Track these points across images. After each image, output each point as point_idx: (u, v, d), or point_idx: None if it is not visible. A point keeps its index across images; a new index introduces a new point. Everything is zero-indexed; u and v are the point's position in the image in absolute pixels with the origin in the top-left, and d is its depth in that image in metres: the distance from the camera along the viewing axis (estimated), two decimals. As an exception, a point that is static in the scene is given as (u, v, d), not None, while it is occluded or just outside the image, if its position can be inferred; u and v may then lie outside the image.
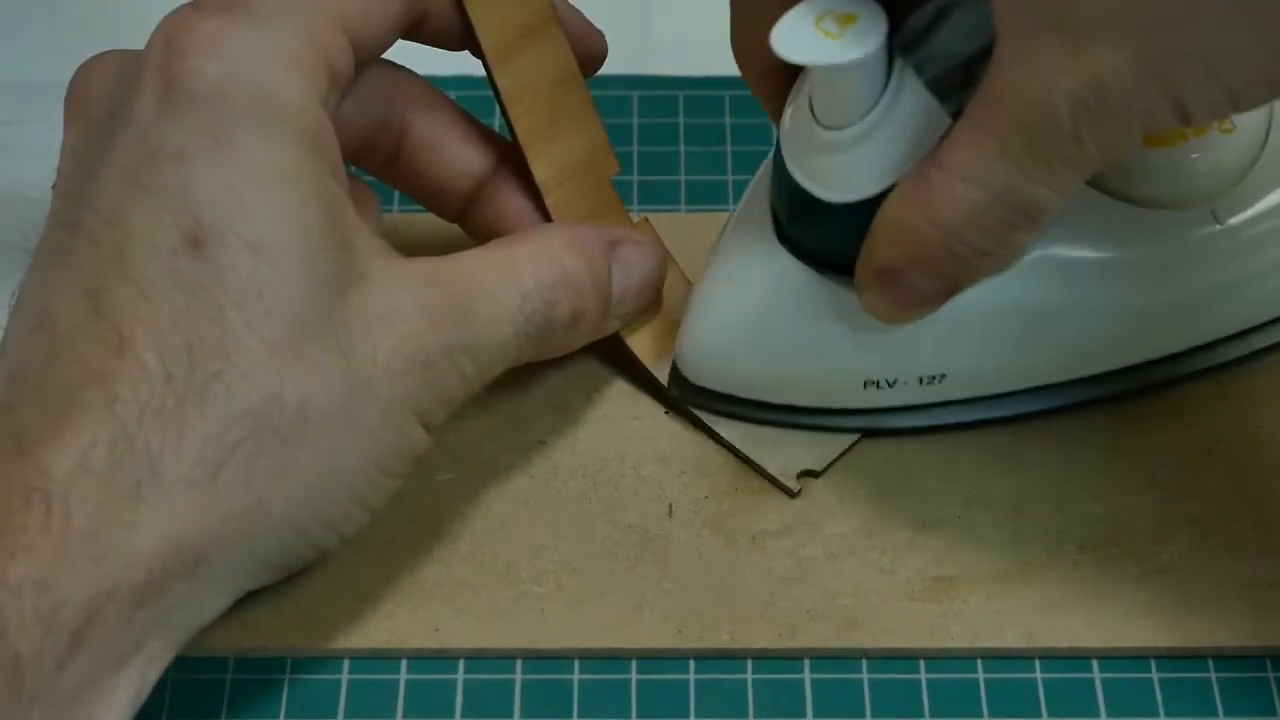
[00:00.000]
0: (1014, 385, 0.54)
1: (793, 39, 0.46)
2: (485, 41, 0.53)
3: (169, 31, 0.48)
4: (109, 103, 0.48)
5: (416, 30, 0.53)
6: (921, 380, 0.53)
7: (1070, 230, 0.51)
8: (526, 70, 0.54)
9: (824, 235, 0.50)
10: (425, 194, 0.55)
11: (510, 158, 0.55)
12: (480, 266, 0.50)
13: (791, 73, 0.50)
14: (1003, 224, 0.46)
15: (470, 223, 0.55)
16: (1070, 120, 0.43)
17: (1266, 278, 0.54)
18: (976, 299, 0.50)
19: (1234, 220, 0.53)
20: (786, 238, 0.52)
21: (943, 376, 0.53)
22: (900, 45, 0.47)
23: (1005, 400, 0.54)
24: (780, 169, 0.50)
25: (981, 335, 0.52)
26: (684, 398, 0.55)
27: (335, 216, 0.47)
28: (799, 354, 0.53)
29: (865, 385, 0.53)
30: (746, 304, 0.53)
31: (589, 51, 0.55)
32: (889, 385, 0.53)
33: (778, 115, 0.51)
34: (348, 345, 0.47)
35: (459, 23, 0.53)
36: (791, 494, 0.53)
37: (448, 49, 0.54)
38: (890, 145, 0.48)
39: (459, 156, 0.55)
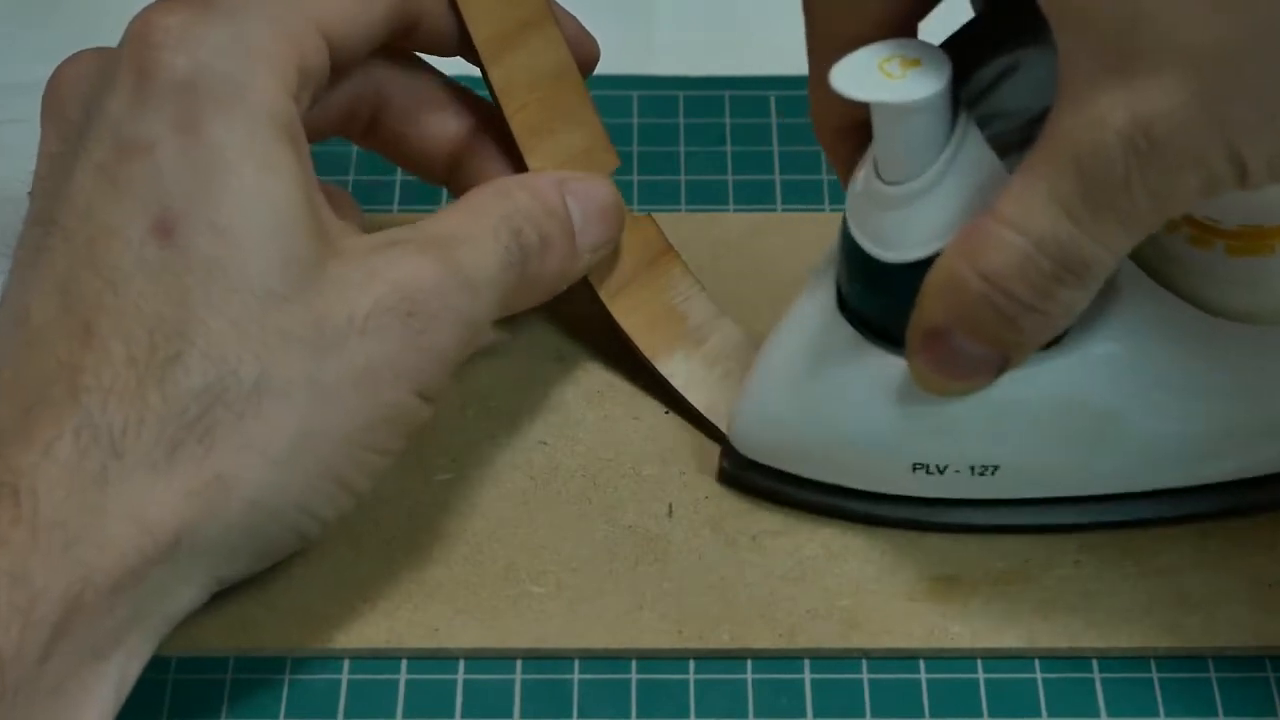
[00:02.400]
0: (1072, 490, 0.52)
1: (853, 77, 0.45)
2: (478, 36, 0.53)
3: (139, 27, 0.48)
4: (83, 103, 0.49)
5: (410, 36, 0.53)
6: (974, 470, 0.51)
7: (1139, 331, 0.50)
8: (521, 65, 0.54)
9: (880, 300, 0.49)
10: (408, 159, 0.56)
11: (490, 120, 0.55)
12: (445, 218, 0.50)
13: (866, 136, 0.48)
14: (1048, 277, 0.44)
15: (456, 186, 0.55)
16: (1122, 163, 0.42)
17: None
18: (1032, 386, 0.49)
19: None
20: (846, 306, 0.50)
21: (995, 469, 0.51)
22: (966, 100, 0.46)
23: (1062, 507, 0.52)
24: (844, 232, 0.49)
25: (1036, 426, 0.50)
26: (735, 473, 0.53)
27: (308, 198, 0.47)
28: (848, 427, 0.51)
29: (914, 469, 0.51)
30: (798, 373, 0.51)
31: (582, 55, 0.55)
32: (939, 471, 0.51)
33: (848, 179, 0.50)
34: (321, 313, 0.46)
35: (454, 26, 0.53)
36: None
37: (443, 54, 0.54)
38: (949, 202, 0.46)
39: (436, 120, 0.55)
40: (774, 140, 0.63)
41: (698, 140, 0.64)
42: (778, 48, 0.64)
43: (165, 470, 0.45)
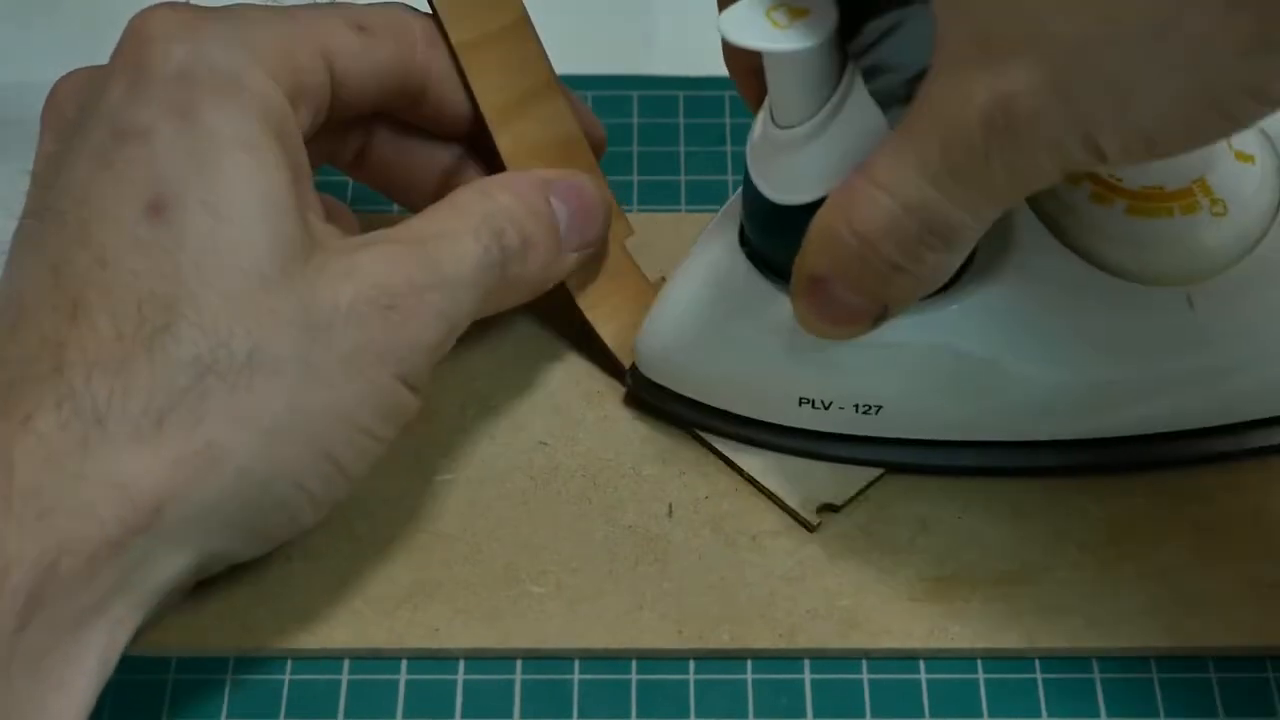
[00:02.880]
0: (957, 434, 0.53)
1: (739, 24, 0.46)
2: (485, 103, 0.53)
3: (138, 24, 0.49)
4: (81, 103, 0.49)
5: (418, 104, 0.54)
6: (857, 408, 0.52)
7: (1027, 282, 0.50)
8: (528, 134, 0.54)
9: (773, 239, 0.50)
10: (395, 189, 0.56)
11: (476, 149, 0.55)
12: (429, 217, 0.51)
13: None
14: (914, 240, 0.45)
15: None
16: (981, 139, 0.43)
17: (1242, 375, 0.52)
18: (915, 331, 0.50)
19: (1209, 309, 0.51)
20: (746, 241, 0.52)
21: (878, 408, 0.52)
22: (854, 51, 0.47)
23: (950, 449, 0.53)
24: (745, 172, 0.50)
25: (917, 370, 0.51)
26: (638, 390, 0.55)
27: (296, 193, 0.48)
28: (738, 357, 0.52)
29: (800, 402, 0.52)
30: (697, 301, 0.53)
31: (590, 139, 0.56)
32: (824, 407, 0.52)
33: None
34: (308, 296, 0.47)
35: (462, 97, 0.54)
36: (810, 528, 0.53)
37: (450, 132, 0.54)
38: (832, 150, 0.47)
39: (425, 149, 0.55)
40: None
41: (698, 140, 0.64)
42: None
43: (152, 439, 0.45)
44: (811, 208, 0.47)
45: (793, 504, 0.53)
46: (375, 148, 0.55)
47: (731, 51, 0.51)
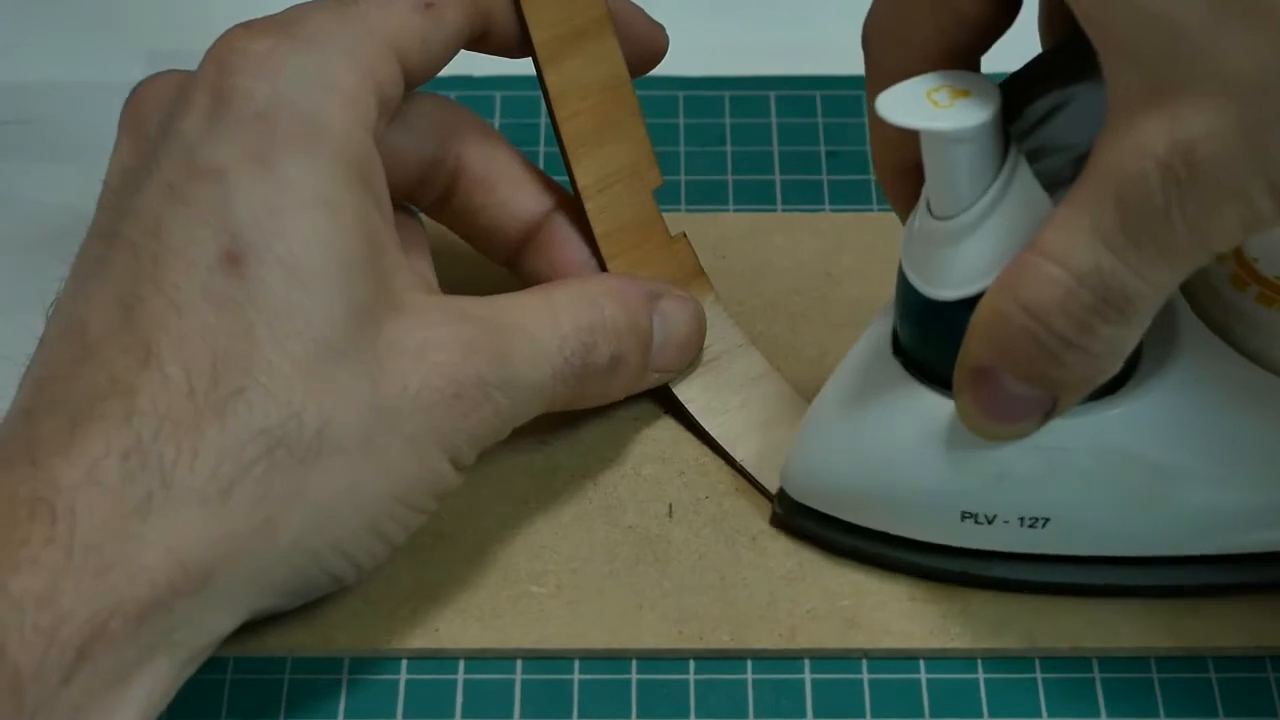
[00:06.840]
0: (1128, 549, 0.50)
1: (900, 105, 0.44)
2: (537, 39, 0.53)
3: (221, 50, 0.48)
4: (161, 119, 0.48)
5: (481, 43, 0.53)
6: (1023, 521, 0.49)
7: (1198, 386, 0.48)
8: (576, 72, 0.54)
9: (931, 339, 0.48)
10: (477, 235, 0.55)
11: (565, 204, 0.55)
12: (518, 307, 0.50)
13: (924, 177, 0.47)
14: (1089, 311, 0.43)
15: (521, 268, 0.55)
16: (1161, 192, 0.41)
17: None
18: (1085, 435, 0.48)
19: None
20: (900, 348, 0.49)
21: (1046, 521, 0.49)
22: (1017, 134, 0.45)
23: (1113, 568, 0.50)
24: (899, 272, 0.48)
25: (1088, 477, 0.49)
26: (788, 518, 0.52)
27: (374, 247, 0.47)
28: (897, 471, 0.50)
29: (963, 517, 0.50)
30: (851, 416, 0.50)
31: (650, 48, 0.55)
32: (988, 521, 0.49)
33: (907, 219, 0.49)
34: (377, 373, 0.46)
35: (521, 31, 0.53)
36: None
37: (510, 57, 0.54)
38: (997, 238, 0.45)
39: (513, 199, 0.54)
40: (774, 140, 0.63)
41: (698, 140, 0.64)
42: (778, 48, 0.64)
43: (215, 507, 0.44)
44: (973, 302, 0.45)
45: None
46: (459, 194, 0.54)
47: (882, 148, 0.50)
